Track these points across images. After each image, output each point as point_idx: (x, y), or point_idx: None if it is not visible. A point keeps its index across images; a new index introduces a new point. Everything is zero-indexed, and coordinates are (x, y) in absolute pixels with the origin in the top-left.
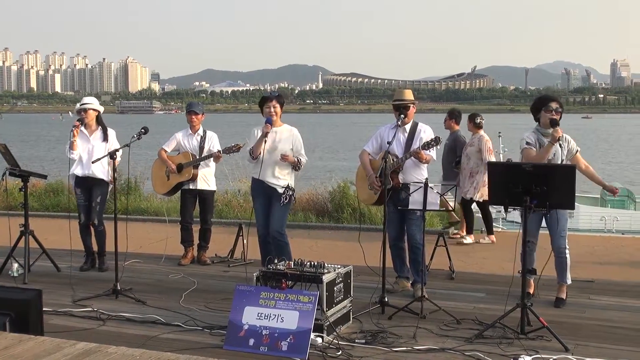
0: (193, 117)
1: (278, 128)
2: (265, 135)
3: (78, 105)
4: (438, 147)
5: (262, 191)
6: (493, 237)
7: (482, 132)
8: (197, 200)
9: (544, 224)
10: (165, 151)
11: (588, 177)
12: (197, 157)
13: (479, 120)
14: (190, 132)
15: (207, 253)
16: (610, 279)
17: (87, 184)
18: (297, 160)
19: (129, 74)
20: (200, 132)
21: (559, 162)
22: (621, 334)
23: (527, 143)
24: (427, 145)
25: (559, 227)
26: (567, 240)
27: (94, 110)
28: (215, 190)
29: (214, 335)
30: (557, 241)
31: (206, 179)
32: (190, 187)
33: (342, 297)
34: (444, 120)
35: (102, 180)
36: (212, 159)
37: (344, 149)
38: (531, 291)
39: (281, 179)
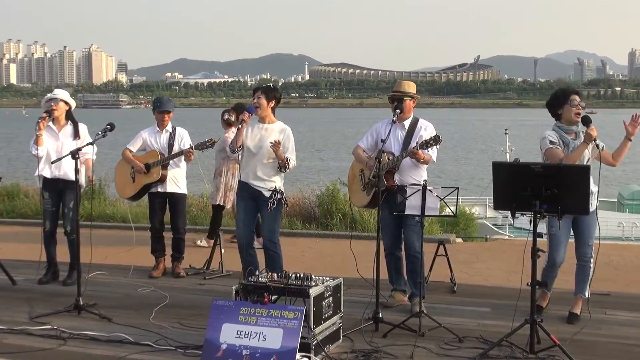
0: (166, 116)
1: (269, 125)
2: (241, 123)
3: (48, 95)
4: (438, 146)
5: (248, 195)
6: (211, 241)
7: (233, 129)
8: (167, 205)
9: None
10: (131, 151)
11: (618, 161)
12: (166, 156)
13: (227, 117)
14: (158, 129)
15: (181, 264)
16: (628, 292)
17: (57, 187)
18: (286, 158)
19: (93, 64)
20: (169, 128)
21: (585, 162)
22: None
23: (551, 142)
24: (425, 145)
25: (587, 235)
26: (593, 250)
27: (66, 103)
28: (186, 194)
29: (188, 356)
30: (583, 250)
31: (176, 180)
32: (159, 189)
33: (331, 313)
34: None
35: (74, 182)
36: (183, 158)
37: (333, 148)
38: (544, 304)
39: (267, 180)
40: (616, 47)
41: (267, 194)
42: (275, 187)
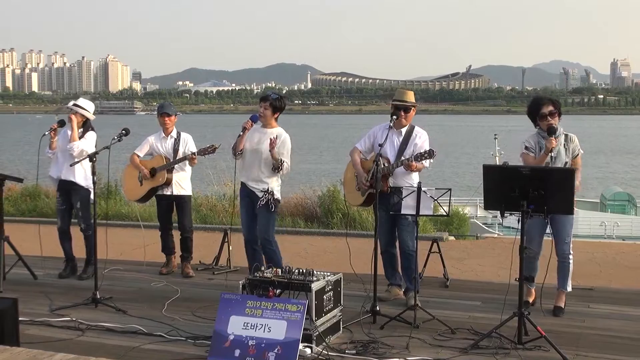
0: (166, 119)
1: (268, 130)
2: (243, 130)
3: (71, 102)
4: (432, 160)
5: (246, 194)
6: None
7: None
8: (174, 207)
9: (549, 230)
10: (138, 156)
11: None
12: (171, 160)
13: None
14: (164, 134)
15: (190, 263)
16: (610, 286)
17: (65, 188)
18: (281, 160)
19: (109, 73)
20: (174, 134)
21: (562, 163)
22: (622, 343)
23: (526, 147)
24: (419, 157)
25: (563, 233)
26: (571, 247)
27: (81, 116)
28: (191, 195)
29: (198, 346)
30: (560, 247)
31: (181, 183)
32: (165, 192)
33: (331, 306)
34: None
35: (77, 184)
36: (187, 162)
37: (333, 151)
38: (531, 300)
39: (262, 182)
40: (599, 58)
41: (259, 194)
42: (268, 189)
